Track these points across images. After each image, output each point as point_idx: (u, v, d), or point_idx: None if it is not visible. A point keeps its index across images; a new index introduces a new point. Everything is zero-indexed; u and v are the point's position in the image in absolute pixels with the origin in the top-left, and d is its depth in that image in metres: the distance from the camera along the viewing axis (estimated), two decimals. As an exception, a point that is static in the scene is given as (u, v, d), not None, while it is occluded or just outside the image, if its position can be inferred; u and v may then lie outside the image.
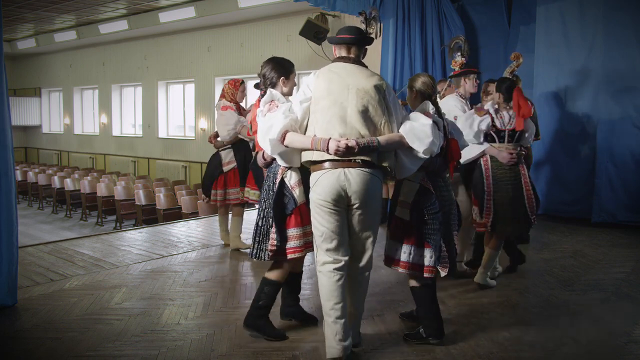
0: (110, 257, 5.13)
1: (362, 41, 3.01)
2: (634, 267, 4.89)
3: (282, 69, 3.22)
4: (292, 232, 3.09)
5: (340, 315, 2.87)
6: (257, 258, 3.14)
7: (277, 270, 3.21)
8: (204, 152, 13.94)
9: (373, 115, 2.86)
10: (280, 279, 3.23)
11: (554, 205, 7.18)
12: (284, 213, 3.08)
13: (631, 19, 6.54)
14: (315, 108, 2.90)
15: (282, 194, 3.08)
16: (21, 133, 20.77)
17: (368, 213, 2.90)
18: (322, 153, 2.81)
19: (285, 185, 3.09)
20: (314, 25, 9.85)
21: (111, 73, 16.88)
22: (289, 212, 3.08)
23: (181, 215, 9.45)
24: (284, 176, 3.09)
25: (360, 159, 2.80)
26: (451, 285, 4.26)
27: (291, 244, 3.08)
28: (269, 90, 3.16)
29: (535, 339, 3.31)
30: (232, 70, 13.10)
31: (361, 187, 2.82)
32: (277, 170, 3.13)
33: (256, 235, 3.15)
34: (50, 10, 13.14)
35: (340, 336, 2.87)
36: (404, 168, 3.05)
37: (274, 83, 3.22)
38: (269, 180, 3.16)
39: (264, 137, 2.96)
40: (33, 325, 3.44)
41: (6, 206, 3.66)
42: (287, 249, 3.08)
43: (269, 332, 3.22)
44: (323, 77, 2.92)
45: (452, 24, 7.73)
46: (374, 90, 2.87)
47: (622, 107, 6.64)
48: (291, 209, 3.07)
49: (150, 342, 3.19)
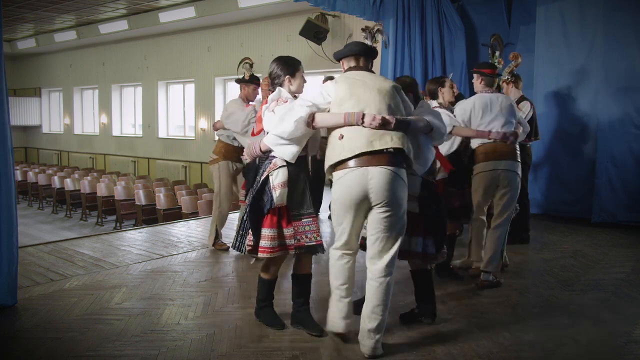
0: (110, 257, 5.13)
1: (370, 52, 3.21)
2: (634, 267, 4.89)
3: (288, 67, 3.23)
4: (265, 231, 3.11)
5: (345, 295, 3.09)
6: (237, 250, 3.30)
7: (266, 268, 3.38)
8: (204, 152, 13.95)
9: (395, 112, 3.00)
10: (270, 277, 3.38)
11: (554, 205, 7.18)
12: (261, 211, 3.11)
13: (631, 19, 6.54)
14: (339, 110, 3.00)
15: (263, 191, 3.12)
16: (21, 133, 20.78)
17: (392, 213, 2.93)
18: (351, 150, 2.90)
19: (268, 183, 3.11)
20: (314, 25, 9.86)
21: (111, 73, 16.88)
22: (266, 212, 3.10)
23: (181, 215, 9.45)
24: (270, 174, 3.11)
25: (393, 147, 2.89)
26: (451, 285, 4.26)
27: (263, 243, 3.11)
28: (277, 89, 3.21)
29: (535, 339, 3.31)
30: (232, 70, 13.02)
31: (385, 187, 2.88)
32: (266, 168, 3.15)
33: (240, 229, 3.29)
34: (50, 10, 13.15)
35: (344, 314, 3.09)
36: (426, 160, 3.21)
37: (281, 82, 3.23)
38: (258, 176, 3.19)
39: (284, 121, 3.00)
40: (33, 325, 3.44)
41: (6, 206, 3.66)
42: (259, 248, 3.13)
43: (266, 321, 3.42)
44: (343, 82, 3.06)
45: (452, 24, 7.73)
46: (393, 89, 3.07)
47: (622, 107, 6.64)
48: (267, 209, 3.10)
49: (150, 342, 3.19)
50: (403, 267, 4.72)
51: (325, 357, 3.02)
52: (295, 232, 3.15)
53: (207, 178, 13.84)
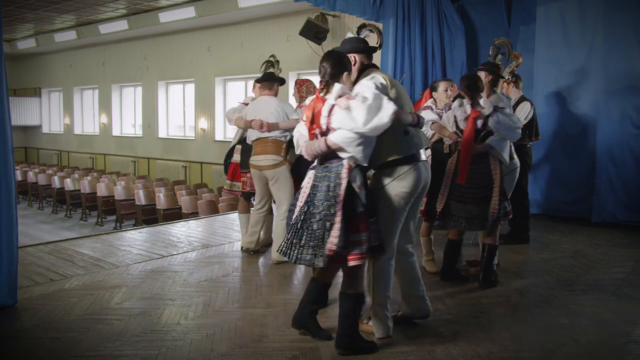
0: (110, 257, 5.13)
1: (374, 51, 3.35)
2: (634, 267, 4.89)
3: (344, 64, 3.06)
4: (355, 237, 2.90)
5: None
6: (310, 265, 2.94)
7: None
8: (204, 152, 13.95)
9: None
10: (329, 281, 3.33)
11: (554, 205, 7.18)
12: (352, 217, 2.91)
13: (631, 19, 6.54)
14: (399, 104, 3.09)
15: (352, 197, 2.91)
16: (21, 133, 20.79)
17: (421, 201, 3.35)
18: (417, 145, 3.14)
19: (352, 187, 2.92)
20: (314, 25, 9.86)
21: (111, 73, 16.88)
22: (358, 215, 2.92)
23: (181, 215, 9.45)
24: (350, 178, 2.93)
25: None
26: (451, 285, 4.26)
27: (355, 250, 2.89)
28: (338, 86, 3.00)
29: (535, 339, 3.31)
30: (232, 70, 13.12)
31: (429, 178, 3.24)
32: (339, 170, 2.93)
33: (310, 240, 2.92)
34: (50, 10, 13.15)
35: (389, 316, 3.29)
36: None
37: (337, 78, 3.02)
38: (328, 181, 2.94)
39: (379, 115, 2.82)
40: (33, 325, 3.44)
41: (6, 206, 3.66)
42: (349, 256, 2.90)
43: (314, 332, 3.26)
44: (390, 81, 3.16)
45: (452, 24, 7.73)
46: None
47: (622, 107, 6.63)
48: (359, 213, 2.92)
49: (150, 342, 3.19)
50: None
51: (325, 357, 3.02)
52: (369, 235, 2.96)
53: (207, 178, 13.85)
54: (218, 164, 13.06)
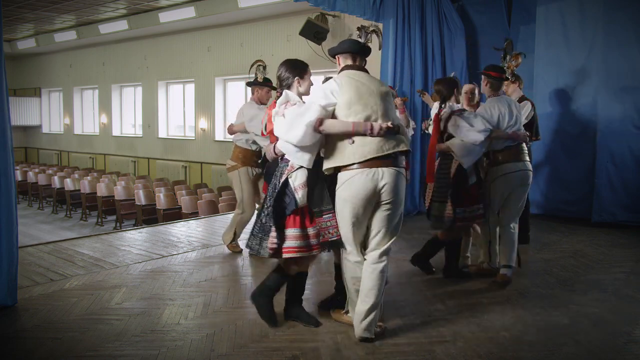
0: (110, 257, 5.13)
1: (366, 51, 3.30)
2: (634, 267, 4.89)
3: (296, 69, 3.28)
4: (289, 232, 3.16)
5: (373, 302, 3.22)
6: (255, 253, 3.25)
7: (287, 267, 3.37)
8: (204, 152, 13.95)
9: (391, 114, 3.20)
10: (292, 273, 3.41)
11: (554, 205, 7.18)
12: (283, 213, 3.16)
13: (631, 19, 6.54)
14: (347, 112, 3.10)
15: (284, 193, 3.16)
16: (21, 133, 20.77)
17: (395, 209, 3.18)
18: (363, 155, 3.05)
19: (289, 185, 3.15)
20: (314, 25, 9.85)
21: (111, 73, 16.87)
22: (289, 213, 3.16)
23: (181, 215, 9.45)
24: (289, 177, 3.16)
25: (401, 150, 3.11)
26: (451, 285, 4.26)
27: (288, 244, 3.16)
28: (284, 92, 3.23)
29: (535, 339, 3.31)
30: (232, 70, 13.10)
31: (393, 186, 3.10)
32: (284, 170, 3.19)
33: (258, 232, 3.23)
34: (50, 10, 13.14)
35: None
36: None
37: (289, 84, 3.27)
38: (276, 179, 3.22)
39: (293, 126, 3.04)
40: (33, 325, 3.44)
41: (6, 206, 3.66)
42: (283, 249, 3.16)
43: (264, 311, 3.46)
44: (348, 84, 3.13)
45: (452, 24, 7.73)
46: (389, 94, 3.26)
47: (622, 107, 6.64)
48: (291, 210, 3.15)
49: (150, 342, 3.19)
50: (403, 267, 4.73)
51: (325, 357, 3.02)
52: (319, 230, 3.19)
53: (207, 178, 13.84)
54: (217, 164, 13.07)
